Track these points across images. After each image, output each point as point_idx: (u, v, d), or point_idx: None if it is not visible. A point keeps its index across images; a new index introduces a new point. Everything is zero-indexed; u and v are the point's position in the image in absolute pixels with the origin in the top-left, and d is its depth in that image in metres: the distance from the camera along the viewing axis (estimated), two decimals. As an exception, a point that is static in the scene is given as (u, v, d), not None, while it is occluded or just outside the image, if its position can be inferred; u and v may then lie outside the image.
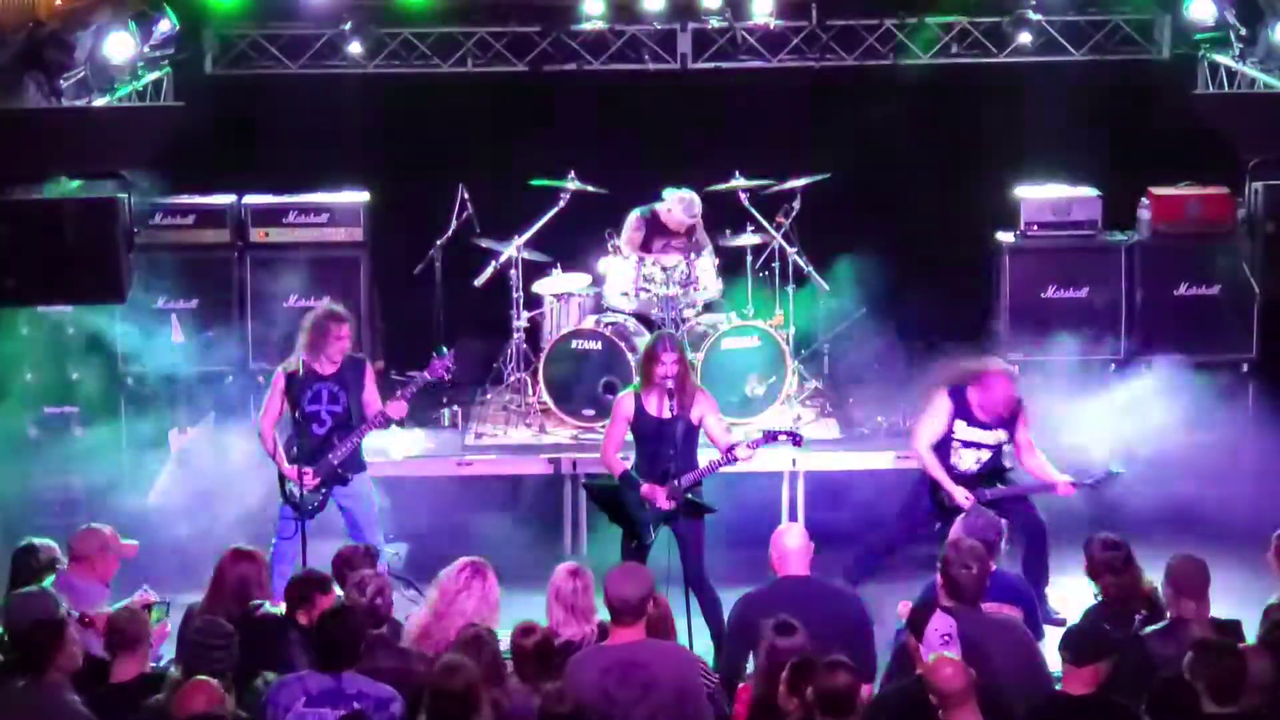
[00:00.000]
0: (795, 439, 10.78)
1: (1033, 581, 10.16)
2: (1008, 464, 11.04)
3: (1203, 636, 7.65)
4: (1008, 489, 10.84)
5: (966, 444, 10.80)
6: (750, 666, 8.03)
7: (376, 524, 10.89)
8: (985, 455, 10.82)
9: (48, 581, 8.69)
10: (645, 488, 10.19)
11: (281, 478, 10.63)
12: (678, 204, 12.92)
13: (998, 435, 10.81)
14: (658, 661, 7.54)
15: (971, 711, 7.05)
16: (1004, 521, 9.02)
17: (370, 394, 10.68)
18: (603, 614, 7.92)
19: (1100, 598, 8.55)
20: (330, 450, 10.53)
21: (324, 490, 10.57)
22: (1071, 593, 9.89)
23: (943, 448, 10.82)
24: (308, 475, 10.41)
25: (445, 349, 10.77)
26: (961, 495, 10.66)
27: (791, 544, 8.58)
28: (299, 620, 8.15)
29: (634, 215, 13.16)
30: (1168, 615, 8.14)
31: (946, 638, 7.42)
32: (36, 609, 7.92)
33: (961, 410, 10.78)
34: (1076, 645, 7.39)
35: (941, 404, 10.83)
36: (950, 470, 10.78)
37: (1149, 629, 8.03)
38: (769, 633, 7.57)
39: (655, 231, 13.11)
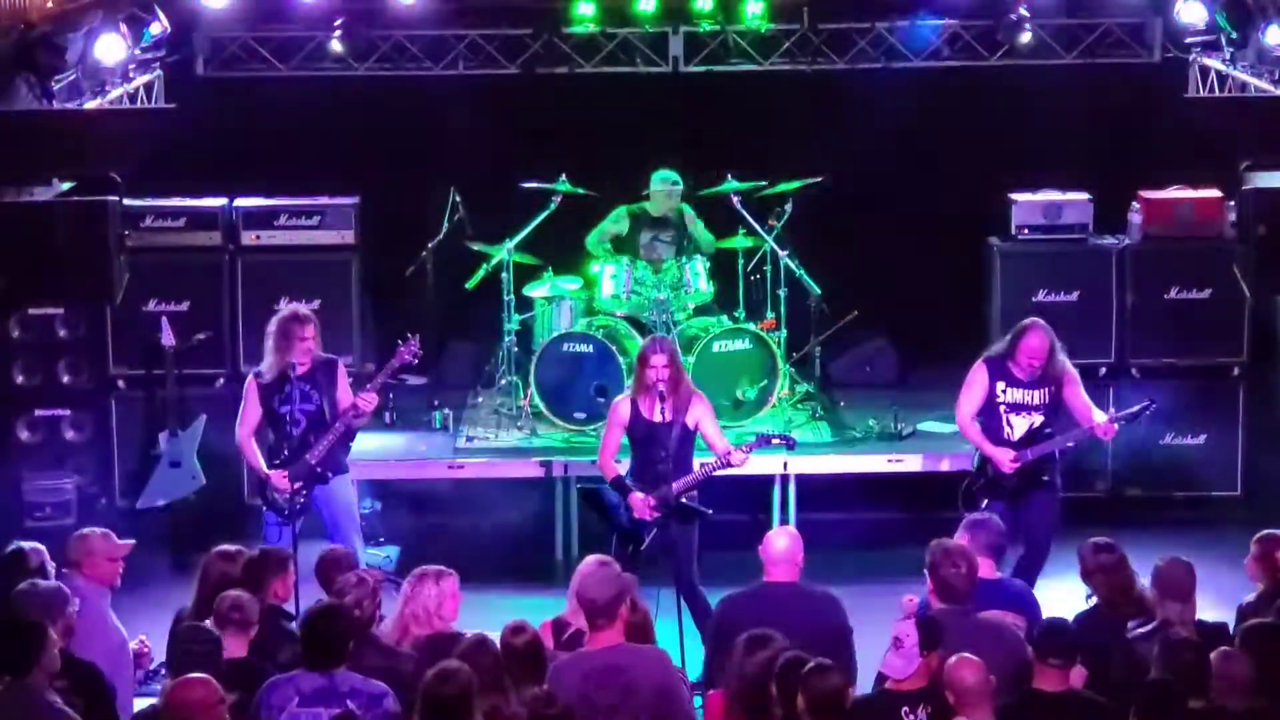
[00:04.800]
0: (789, 443, 10.79)
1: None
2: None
3: (1182, 636, 7.67)
4: (1048, 443, 10.49)
5: (1012, 407, 10.51)
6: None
7: (355, 525, 10.84)
8: (1037, 420, 10.49)
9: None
10: (631, 496, 10.17)
11: (262, 483, 10.62)
12: (654, 181, 13.05)
13: (1043, 395, 10.49)
14: (637, 664, 7.55)
15: (987, 714, 7.08)
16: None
17: (343, 393, 10.60)
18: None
19: (1093, 600, 8.57)
20: (307, 450, 10.48)
21: (305, 492, 10.52)
22: (1067, 596, 9.89)
23: (991, 419, 10.56)
24: (287, 479, 10.39)
25: (409, 335, 10.73)
26: (1006, 457, 10.43)
27: (778, 547, 8.55)
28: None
29: (622, 211, 13.24)
30: (1156, 618, 8.15)
31: (897, 641, 7.35)
32: (41, 603, 7.94)
33: (998, 372, 10.53)
34: (1046, 642, 7.44)
35: (977, 373, 10.61)
36: (1004, 441, 10.49)
37: (1136, 631, 8.04)
38: (739, 646, 7.58)
39: (642, 225, 13.18)
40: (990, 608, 8.22)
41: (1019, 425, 10.51)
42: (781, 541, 8.60)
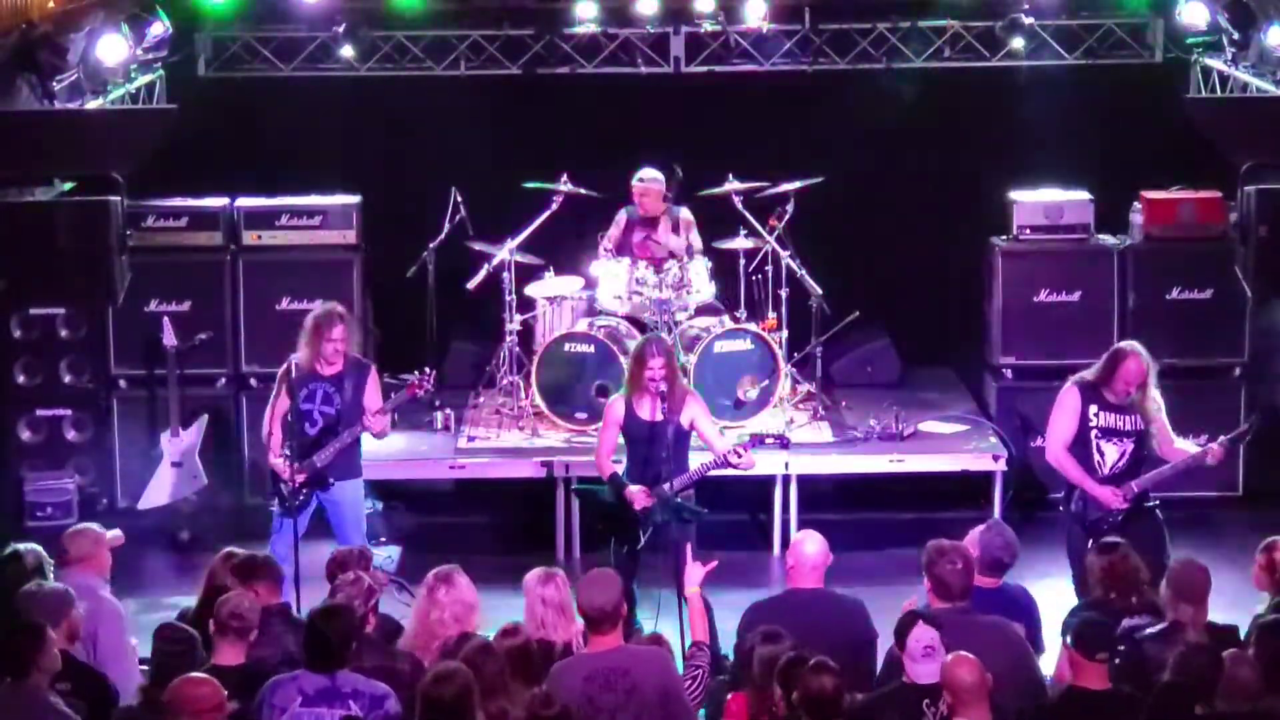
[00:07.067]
0: (783, 442, 10.76)
1: None
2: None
3: (1196, 640, 7.66)
4: (1157, 473, 9.98)
5: (1105, 433, 9.93)
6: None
7: (361, 530, 10.82)
8: (1129, 447, 9.96)
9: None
10: (627, 490, 10.16)
11: (272, 474, 10.60)
12: (637, 182, 13.03)
13: (1134, 421, 9.95)
14: (639, 666, 7.55)
15: (983, 712, 7.08)
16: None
17: (370, 398, 10.59)
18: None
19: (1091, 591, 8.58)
20: (318, 451, 10.46)
21: (305, 491, 10.48)
22: (1066, 597, 9.90)
23: (1081, 448, 9.98)
24: (294, 471, 10.37)
25: (427, 369, 10.77)
26: (1110, 494, 9.87)
27: (806, 554, 8.51)
28: None
29: (620, 213, 13.24)
30: (1166, 619, 8.14)
31: (929, 650, 7.39)
32: (45, 605, 7.95)
33: (1090, 396, 9.96)
34: (1087, 636, 7.39)
35: (1069, 397, 10.01)
36: (1095, 473, 9.94)
37: (1147, 631, 8.02)
38: (755, 641, 7.59)
39: (635, 225, 13.18)
40: (992, 613, 8.20)
41: (1110, 453, 10.00)
42: (811, 547, 8.54)
